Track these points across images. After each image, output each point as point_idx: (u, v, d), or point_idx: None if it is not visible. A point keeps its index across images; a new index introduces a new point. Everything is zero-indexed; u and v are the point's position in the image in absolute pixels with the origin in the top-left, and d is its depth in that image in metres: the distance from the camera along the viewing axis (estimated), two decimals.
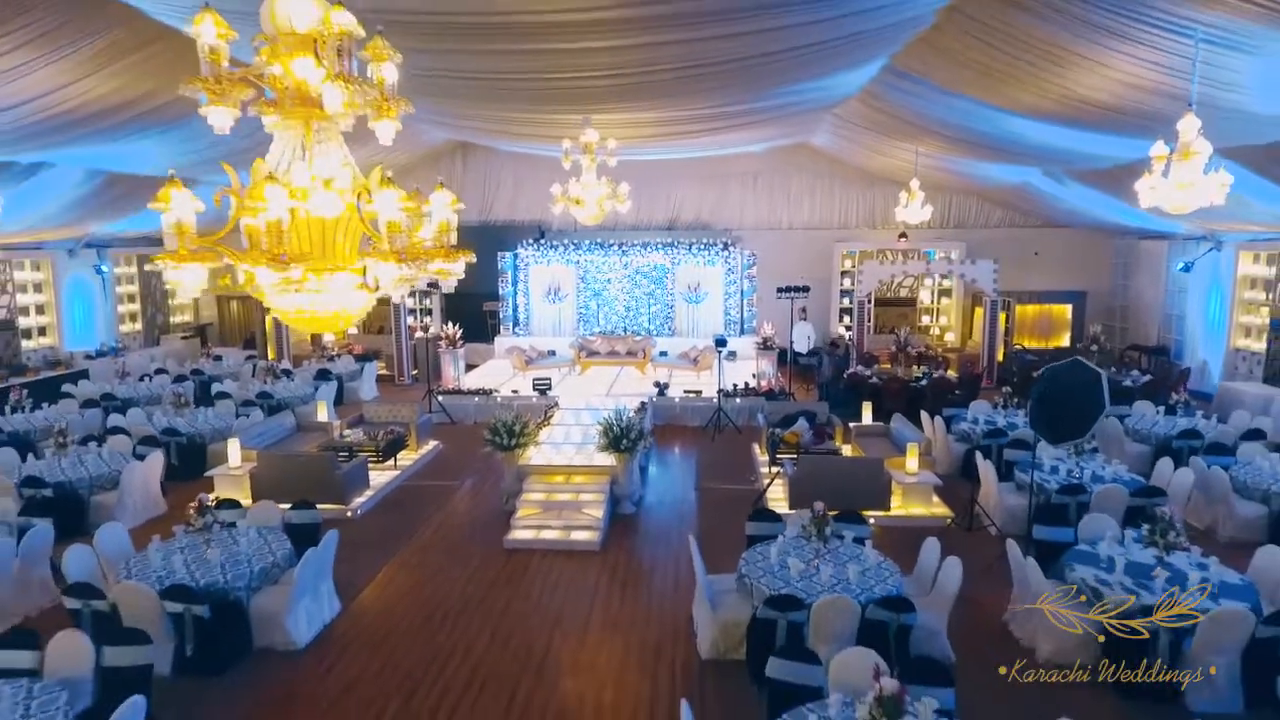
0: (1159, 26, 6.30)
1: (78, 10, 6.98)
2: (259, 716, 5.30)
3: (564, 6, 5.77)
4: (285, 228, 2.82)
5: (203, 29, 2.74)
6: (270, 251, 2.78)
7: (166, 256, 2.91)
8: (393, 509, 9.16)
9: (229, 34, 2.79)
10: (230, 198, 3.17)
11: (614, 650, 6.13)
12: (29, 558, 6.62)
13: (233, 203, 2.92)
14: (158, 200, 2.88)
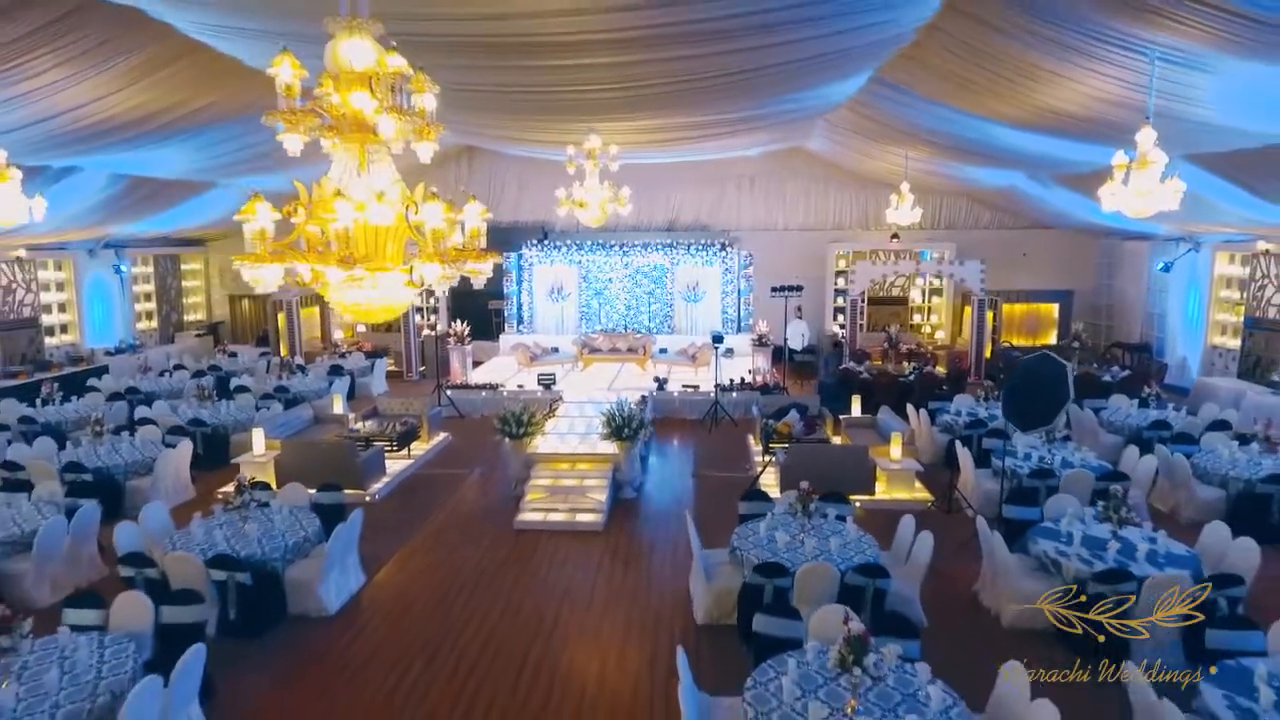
0: (1118, 46, 6.86)
1: (117, 29, 7.50)
2: (296, 674, 5.87)
3: (573, 28, 6.33)
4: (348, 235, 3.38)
5: (281, 70, 3.30)
6: (340, 254, 3.33)
7: (248, 258, 3.46)
8: (408, 494, 9.74)
9: (302, 72, 3.34)
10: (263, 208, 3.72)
11: (616, 619, 6.70)
12: (79, 535, 7.19)
13: (302, 213, 3.47)
14: (243, 213, 3.43)
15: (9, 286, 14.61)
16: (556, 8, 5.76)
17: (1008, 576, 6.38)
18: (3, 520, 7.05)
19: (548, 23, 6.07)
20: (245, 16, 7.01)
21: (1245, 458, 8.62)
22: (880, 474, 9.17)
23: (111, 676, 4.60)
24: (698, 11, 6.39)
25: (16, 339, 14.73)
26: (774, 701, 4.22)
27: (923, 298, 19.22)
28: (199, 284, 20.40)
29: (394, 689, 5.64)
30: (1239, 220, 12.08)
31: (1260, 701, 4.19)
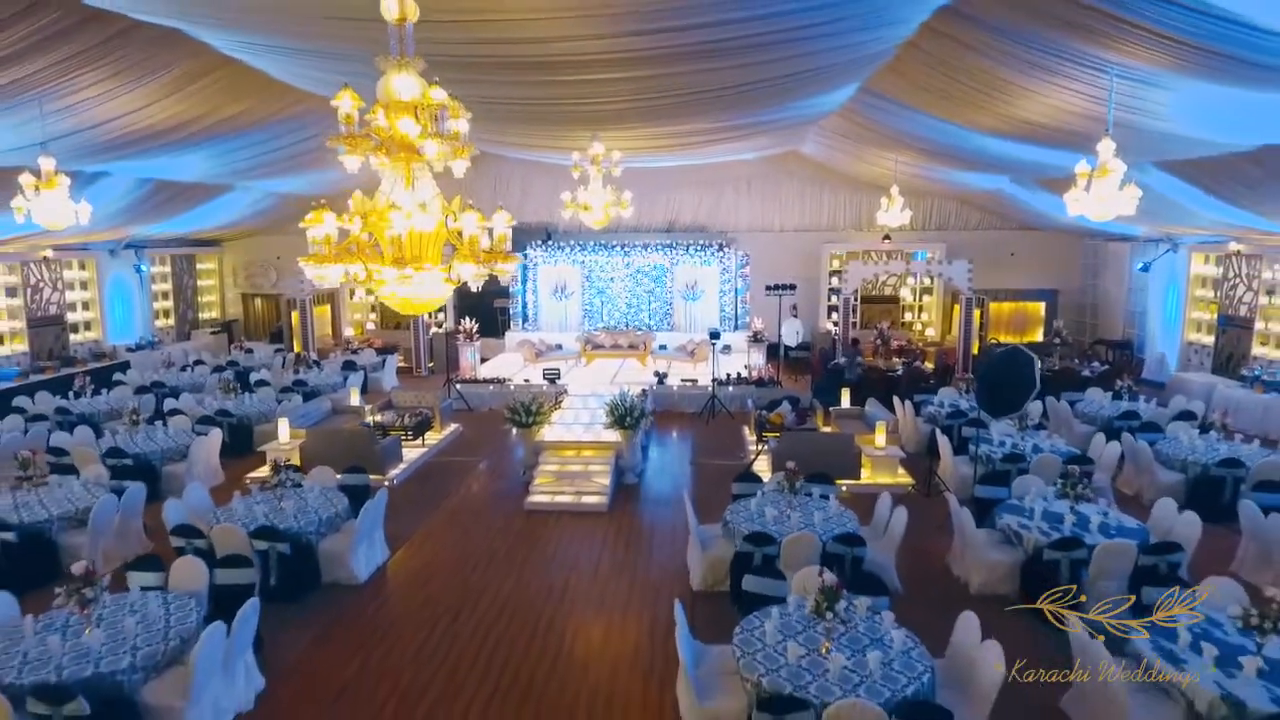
0: (1079, 65, 7.50)
1: (158, 47, 8.13)
2: (333, 633, 6.52)
3: (585, 50, 6.99)
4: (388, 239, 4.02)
5: (342, 102, 3.93)
6: (394, 256, 3.97)
7: (313, 259, 4.10)
8: (424, 479, 10.39)
9: (359, 103, 3.98)
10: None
11: (620, 588, 7.35)
12: (127, 512, 7.85)
13: (360, 222, 4.10)
14: (309, 221, 4.06)
15: (37, 285, 15.26)
16: (571, 33, 6.41)
17: (975, 548, 7.04)
18: (58, 499, 7.70)
19: (562, 45, 6.72)
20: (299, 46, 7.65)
21: (1204, 444, 9.27)
22: (865, 460, 9.82)
23: (179, 625, 5.25)
24: (699, 35, 7.03)
25: (44, 335, 15.38)
26: (758, 644, 4.87)
27: (914, 296, 19.87)
28: (213, 283, 21.04)
29: (421, 646, 6.29)
30: (1209, 222, 12.73)
31: (1179, 644, 4.85)
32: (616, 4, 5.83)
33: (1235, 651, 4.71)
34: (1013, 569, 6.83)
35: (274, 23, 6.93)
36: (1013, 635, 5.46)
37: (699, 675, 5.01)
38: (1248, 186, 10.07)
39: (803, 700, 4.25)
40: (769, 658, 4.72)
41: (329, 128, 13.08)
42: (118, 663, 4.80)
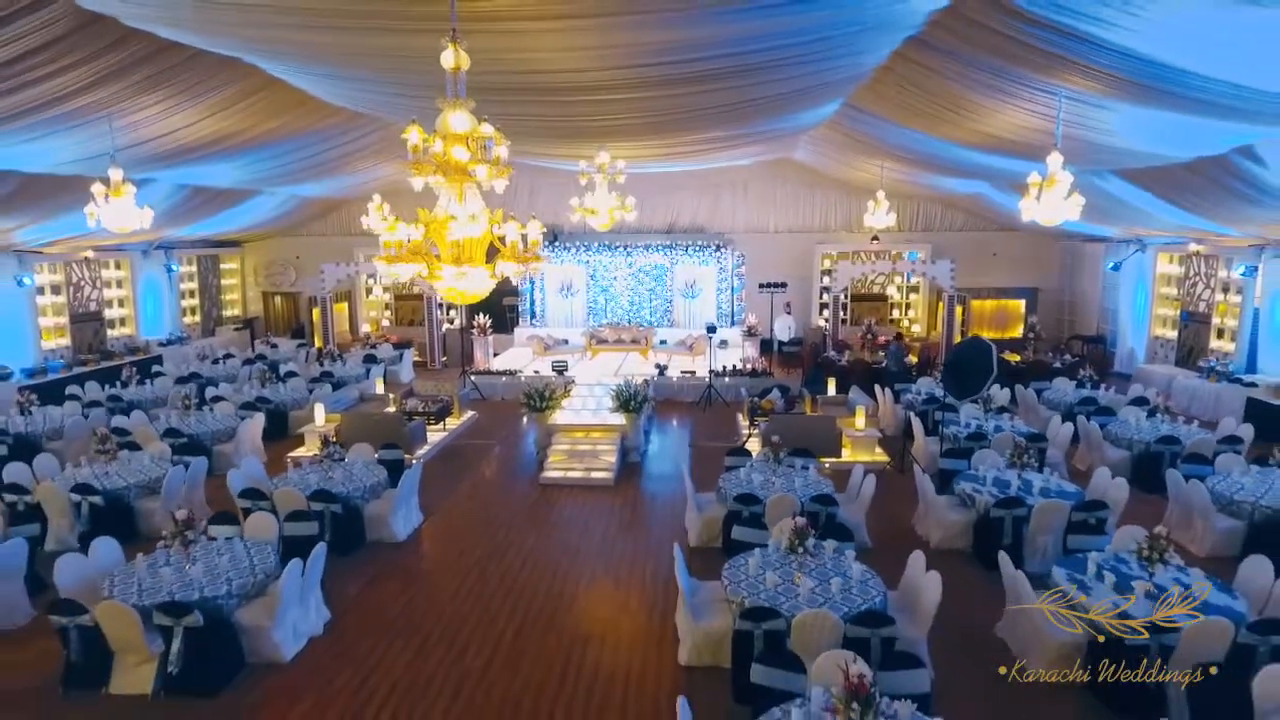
0: (1033, 88, 8.55)
1: (214, 70, 9.17)
2: (381, 579, 7.57)
3: (597, 80, 8.06)
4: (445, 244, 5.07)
5: (410, 135, 4.98)
6: (453, 256, 5.00)
7: (386, 259, 5.14)
8: (447, 459, 11.45)
9: (425, 137, 5.01)
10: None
11: (626, 546, 8.40)
12: (191, 482, 8.91)
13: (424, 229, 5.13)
14: (389, 229, 5.10)
15: (78, 284, 16.32)
16: (588, 65, 7.48)
17: (935, 510, 8.11)
18: (132, 470, 8.76)
19: (579, 75, 7.80)
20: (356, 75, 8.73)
21: (1149, 425, 10.33)
22: (846, 440, 10.88)
23: (261, 564, 6.31)
24: (698, 66, 8.09)
25: (84, 331, 16.44)
26: (742, 576, 5.93)
27: (901, 294, 20.93)
28: (235, 282, 22.09)
29: (457, 589, 7.35)
30: (1167, 225, 13.78)
31: (1087, 574, 5.91)
32: (630, 44, 6.89)
33: (1130, 578, 5.77)
34: (966, 527, 7.89)
35: (347, 62, 8.00)
36: (959, 576, 6.56)
37: (694, 603, 6.08)
38: (1193, 192, 11.12)
39: (776, 611, 5.30)
40: (751, 585, 5.77)
41: (353, 138, 14.19)
42: (217, 590, 5.86)
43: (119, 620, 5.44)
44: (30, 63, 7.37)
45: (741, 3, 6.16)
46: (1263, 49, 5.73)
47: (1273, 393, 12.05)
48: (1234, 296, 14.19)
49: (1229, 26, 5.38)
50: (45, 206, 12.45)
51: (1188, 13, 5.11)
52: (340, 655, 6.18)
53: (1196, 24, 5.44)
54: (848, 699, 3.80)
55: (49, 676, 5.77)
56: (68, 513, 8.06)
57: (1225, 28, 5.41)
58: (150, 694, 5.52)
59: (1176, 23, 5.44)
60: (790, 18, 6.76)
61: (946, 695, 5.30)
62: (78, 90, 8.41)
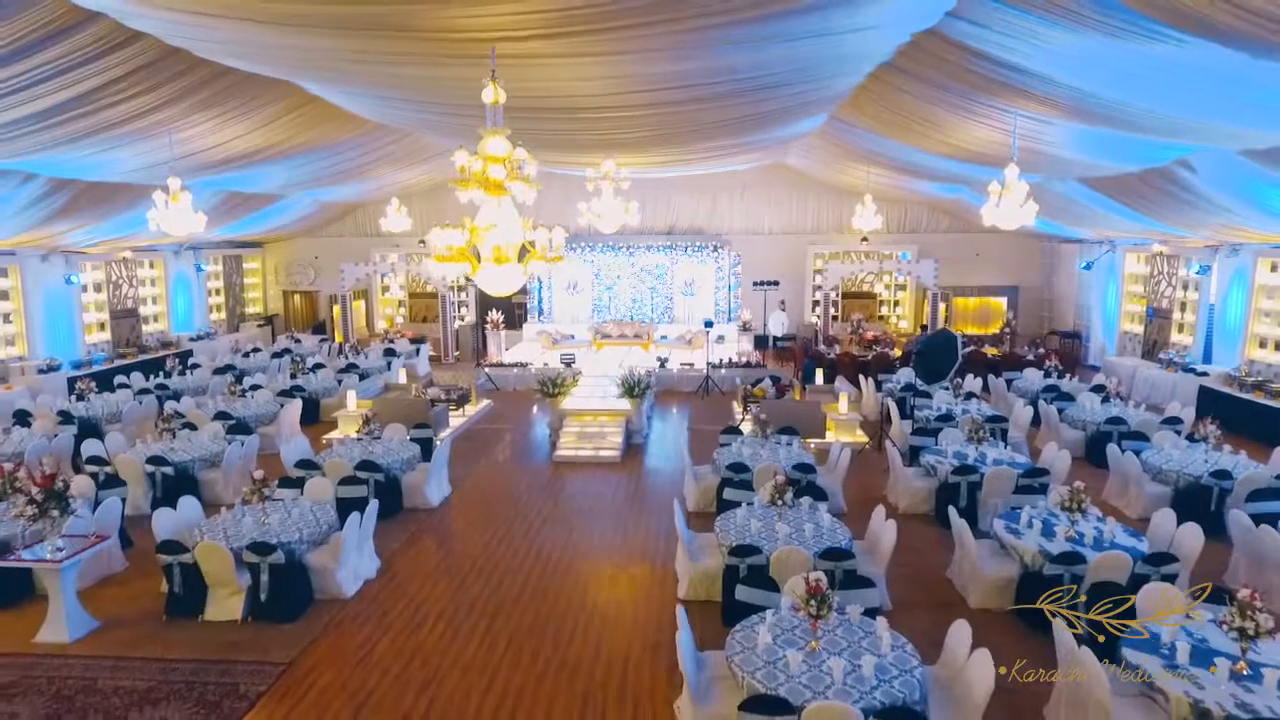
0: (991, 108, 9.67)
1: (260, 89, 10.28)
2: (419, 538, 8.69)
3: (607, 103, 9.20)
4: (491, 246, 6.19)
5: (458, 157, 6.08)
6: (493, 256, 6.12)
7: (438, 258, 6.25)
8: (468, 440, 12.59)
9: (469, 159, 6.11)
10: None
11: (631, 512, 9.53)
12: (246, 457, 10.04)
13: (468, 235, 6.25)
14: (445, 229, 6.21)
15: (117, 282, 17.46)
16: (602, 91, 8.63)
17: (904, 479, 9.24)
18: (193, 446, 9.89)
19: (593, 99, 8.94)
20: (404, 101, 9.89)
21: (1102, 409, 11.47)
22: (830, 422, 12.02)
23: (324, 518, 7.45)
24: (696, 92, 9.22)
25: (122, 326, 17.57)
26: (731, 524, 7.06)
27: (889, 292, 22.07)
28: (257, 280, 23.22)
29: (487, 543, 8.48)
30: (1131, 228, 14.91)
31: (1020, 524, 7.03)
32: (638, 74, 8.03)
33: (1054, 524, 6.89)
34: (930, 493, 9.03)
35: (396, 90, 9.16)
36: (921, 534, 7.75)
37: (691, 549, 7.21)
38: (1145, 198, 12.24)
39: (758, 548, 6.43)
40: (739, 531, 6.91)
41: (377, 147, 15.35)
42: (291, 536, 6.99)
43: (215, 558, 6.58)
44: (117, 88, 8.52)
45: (735, 40, 7.29)
46: (1165, 80, 6.85)
47: (1221, 381, 13.18)
48: (1193, 294, 15.32)
49: (1129, 58, 6.46)
50: (99, 211, 13.58)
51: (1084, 44, 6.22)
52: (392, 592, 7.32)
53: (1099, 55, 6.52)
54: (808, 599, 4.93)
55: (150, 608, 6.92)
56: (143, 482, 9.19)
57: (1126, 59, 6.50)
58: (240, 619, 6.66)
59: (1080, 53, 6.55)
60: (777, 50, 7.88)
61: (895, 613, 6.44)
62: (148, 110, 9.54)
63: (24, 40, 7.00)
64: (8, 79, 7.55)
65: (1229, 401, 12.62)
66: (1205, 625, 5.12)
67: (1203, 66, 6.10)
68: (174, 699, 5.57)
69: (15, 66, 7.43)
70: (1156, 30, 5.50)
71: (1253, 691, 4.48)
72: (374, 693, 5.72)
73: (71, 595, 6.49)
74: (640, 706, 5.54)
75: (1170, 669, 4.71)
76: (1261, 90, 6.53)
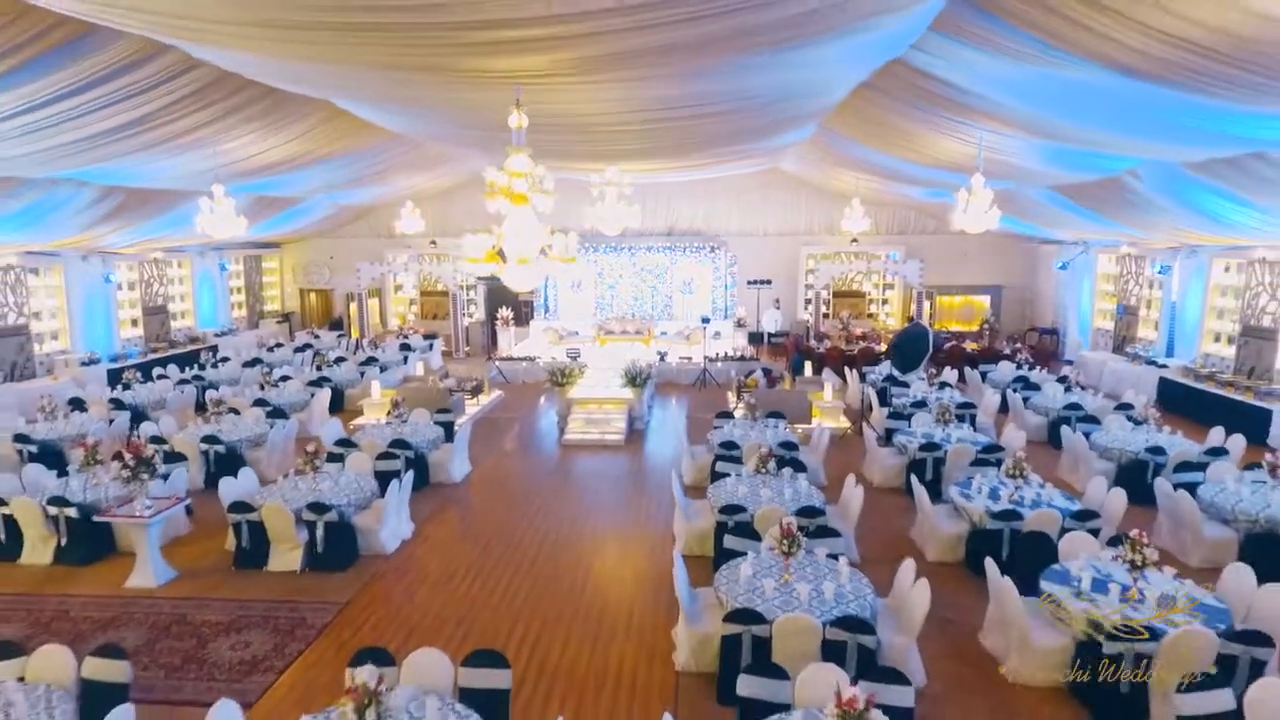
0: (961, 124, 10.74)
1: (297, 103, 11.33)
2: (445, 508, 9.76)
3: (613, 121, 10.29)
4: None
5: (486, 173, 7.16)
6: (519, 257, 7.19)
7: (471, 259, 7.32)
8: (483, 426, 13.68)
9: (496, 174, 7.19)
10: None
11: (634, 486, 10.61)
12: (286, 438, 11.13)
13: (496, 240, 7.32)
14: (478, 232, 7.29)
15: (149, 281, 18.54)
16: (610, 110, 9.71)
17: (878, 457, 10.33)
18: (239, 429, 10.96)
19: (602, 119, 10.03)
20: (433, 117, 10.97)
21: (1064, 397, 12.55)
22: (816, 409, 13.10)
23: (366, 485, 8.53)
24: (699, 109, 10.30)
25: (153, 322, 18.65)
26: (722, 489, 8.14)
27: (878, 291, 23.15)
28: (275, 279, 24.30)
29: (506, 512, 9.57)
30: (1096, 230, 16.00)
31: (972, 488, 8.11)
32: (645, 95, 9.11)
33: (999, 490, 7.97)
34: (900, 469, 10.11)
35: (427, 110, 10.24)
36: (890, 503, 8.84)
37: (686, 512, 8.29)
38: (1106, 203, 13.31)
39: (743, 508, 7.51)
40: (728, 494, 7.98)
41: (395, 154, 16.44)
42: (340, 500, 8.06)
43: (278, 517, 7.66)
44: (178, 108, 9.59)
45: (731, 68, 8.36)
46: (1095, 104, 7.92)
47: (1179, 373, 14.26)
48: (1157, 292, 16.40)
49: (1063, 86, 7.52)
50: (141, 214, 14.65)
51: (1002, 72, 7.33)
52: (427, 550, 8.41)
53: (1034, 82, 7.59)
54: (781, 539, 6.00)
55: (218, 563, 8.01)
56: (198, 459, 10.27)
57: (1061, 86, 7.56)
58: (298, 570, 7.74)
59: (1020, 80, 7.63)
60: (767, 76, 8.96)
61: (862, 566, 7.51)
62: (199, 126, 10.62)
63: (109, 68, 8.08)
64: (90, 100, 8.63)
65: (1185, 391, 13.72)
66: (1110, 562, 6.21)
67: (1121, 94, 7.19)
68: (253, 628, 6.66)
69: (95, 91, 8.51)
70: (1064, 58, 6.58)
71: (1138, 610, 5.56)
72: (419, 625, 6.80)
73: (156, 547, 7.58)
74: (644, 636, 6.63)
75: (1076, 595, 5.80)
76: (1176, 114, 7.61)
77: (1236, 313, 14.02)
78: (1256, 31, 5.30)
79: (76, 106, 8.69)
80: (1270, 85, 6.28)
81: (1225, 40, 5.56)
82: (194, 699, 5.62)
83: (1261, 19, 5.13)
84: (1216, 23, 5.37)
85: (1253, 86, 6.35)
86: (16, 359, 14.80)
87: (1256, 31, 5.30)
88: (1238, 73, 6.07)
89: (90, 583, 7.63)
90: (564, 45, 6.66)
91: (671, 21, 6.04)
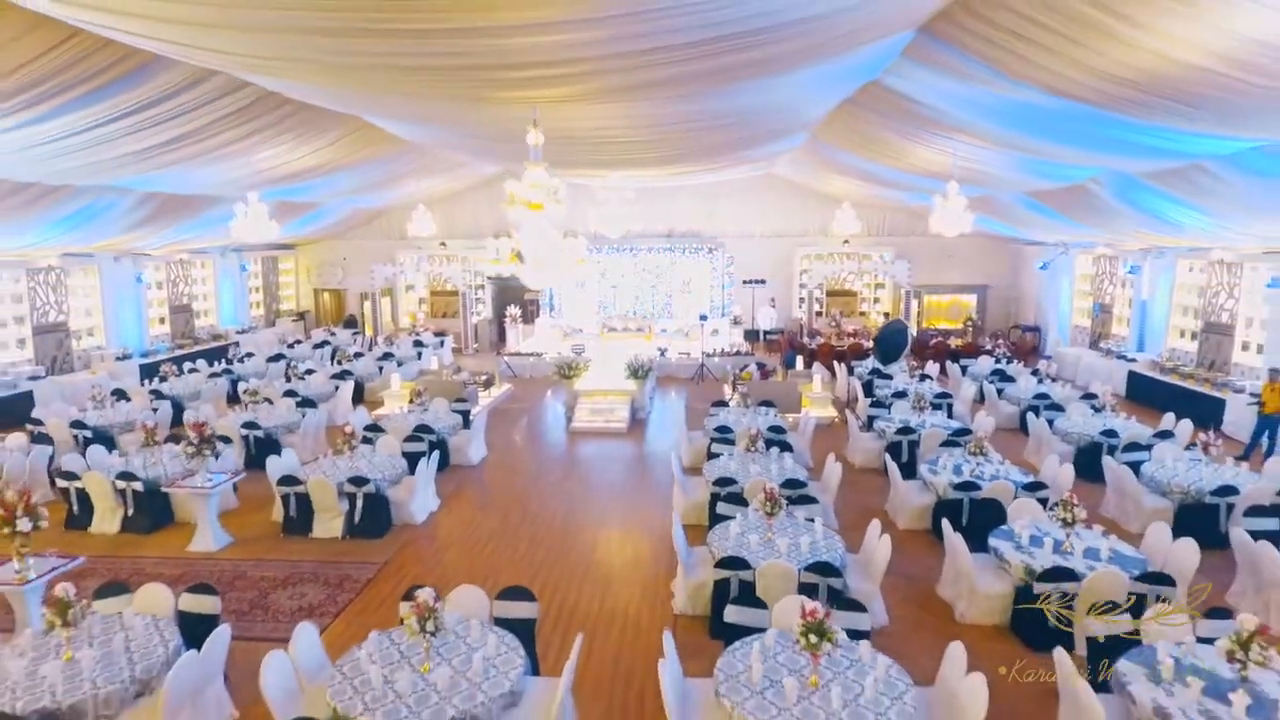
0: (939, 137, 11.71)
1: (323, 116, 12.27)
2: (465, 485, 10.74)
3: (618, 135, 11.28)
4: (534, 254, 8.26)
5: (508, 184, 8.13)
6: (534, 258, 8.17)
7: (495, 262, 8.29)
8: (496, 415, 14.66)
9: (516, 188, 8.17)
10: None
11: (636, 468, 11.60)
12: (317, 424, 12.12)
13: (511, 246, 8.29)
14: (498, 237, 8.26)
15: (174, 281, 19.52)
16: (615, 123, 10.70)
17: (860, 441, 11.32)
18: (275, 416, 11.94)
19: (606, 132, 11.02)
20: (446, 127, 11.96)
21: (1035, 388, 13.53)
22: (805, 400, 14.08)
23: (398, 464, 9.51)
24: (698, 123, 11.28)
25: (178, 320, 19.64)
26: (716, 467, 9.12)
27: (870, 290, 24.12)
28: (291, 279, 25.28)
29: (521, 489, 10.55)
30: (1069, 232, 16.98)
31: (939, 465, 9.09)
32: (648, 113, 10.10)
33: (962, 466, 8.96)
34: (880, 452, 11.08)
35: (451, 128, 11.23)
36: (870, 483, 9.84)
37: (685, 488, 9.27)
38: (1071, 207, 14.29)
39: (735, 480, 8.50)
40: (721, 470, 8.96)
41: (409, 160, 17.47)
42: (376, 475, 9.04)
43: (323, 489, 8.65)
44: (222, 123, 10.57)
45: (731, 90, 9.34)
46: (1039, 122, 8.90)
47: (1147, 366, 15.24)
48: (1129, 290, 17.37)
49: (1003, 104, 8.50)
50: (176, 218, 15.63)
51: (965, 94, 8.31)
52: (453, 520, 9.40)
53: (981, 100, 8.58)
54: (764, 502, 6.98)
55: (266, 531, 8.99)
56: (240, 443, 11.26)
57: (1000, 104, 8.54)
58: (340, 536, 8.72)
59: (966, 98, 8.62)
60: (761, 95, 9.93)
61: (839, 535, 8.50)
62: (237, 139, 11.59)
63: (164, 91, 9.05)
64: (147, 118, 9.60)
65: (1152, 383, 14.70)
66: (1049, 523, 7.19)
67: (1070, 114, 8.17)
68: (306, 582, 7.65)
69: (152, 110, 9.48)
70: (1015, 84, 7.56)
71: (1068, 560, 6.54)
72: (452, 579, 7.72)
73: (214, 516, 8.56)
74: (646, 586, 7.61)
75: (1017, 550, 6.78)
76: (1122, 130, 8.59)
77: (1199, 310, 15.00)
78: (1177, 72, 6.25)
79: (135, 123, 9.67)
80: (1195, 113, 7.27)
81: (1148, 79, 6.54)
82: (264, 636, 6.61)
83: (1174, 63, 6.11)
84: (1143, 65, 6.34)
85: (1180, 115, 7.34)
86: (57, 354, 15.78)
87: (1177, 72, 6.25)
88: (1166, 102, 7.04)
89: (157, 547, 8.62)
90: (580, 80, 7.64)
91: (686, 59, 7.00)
